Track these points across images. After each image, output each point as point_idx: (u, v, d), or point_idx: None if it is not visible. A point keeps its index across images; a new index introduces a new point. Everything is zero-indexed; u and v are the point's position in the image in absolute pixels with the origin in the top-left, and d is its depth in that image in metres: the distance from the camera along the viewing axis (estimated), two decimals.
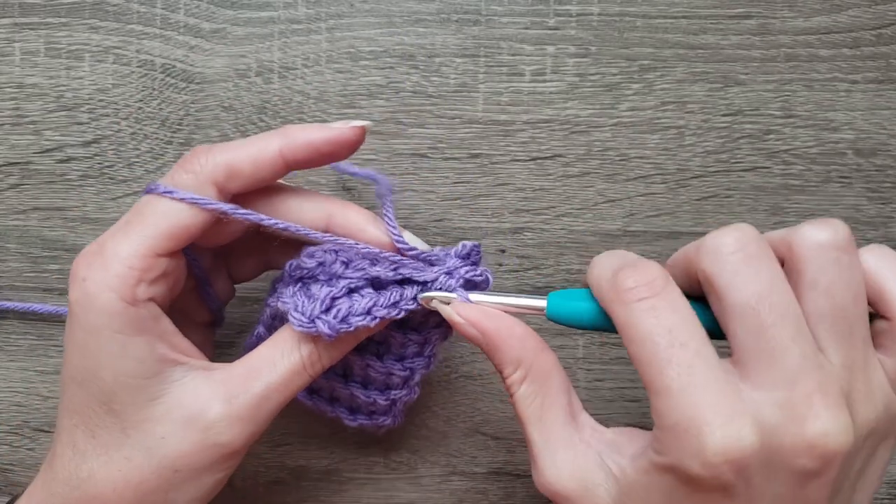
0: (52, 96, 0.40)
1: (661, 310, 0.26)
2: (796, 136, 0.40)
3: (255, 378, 0.30)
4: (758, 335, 0.25)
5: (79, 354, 0.29)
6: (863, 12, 0.39)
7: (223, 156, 0.30)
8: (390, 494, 0.40)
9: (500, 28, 0.40)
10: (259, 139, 0.30)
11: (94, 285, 0.28)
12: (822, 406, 0.24)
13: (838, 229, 0.26)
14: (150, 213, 0.29)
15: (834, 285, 0.26)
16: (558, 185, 0.40)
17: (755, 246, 0.26)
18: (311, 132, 0.30)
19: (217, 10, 0.40)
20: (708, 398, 0.24)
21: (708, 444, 0.24)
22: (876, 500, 0.40)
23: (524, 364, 0.29)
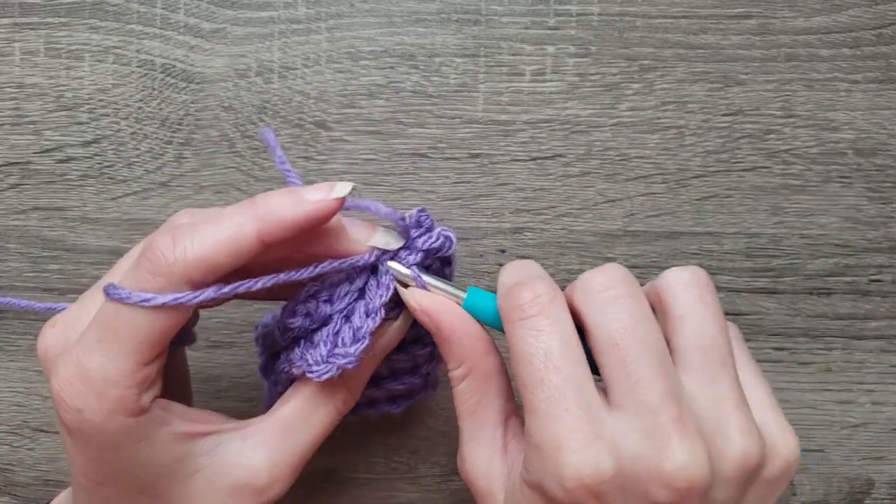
0: (52, 96, 0.40)
1: (543, 330, 0.26)
2: (796, 135, 0.40)
3: (293, 436, 0.30)
4: (620, 368, 0.26)
5: (98, 466, 0.27)
6: (863, 12, 0.39)
7: (194, 251, 0.26)
8: (390, 494, 0.40)
9: (501, 28, 0.40)
10: (231, 222, 0.26)
11: (96, 415, 0.26)
12: (679, 439, 0.25)
13: (698, 271, 0.28)
14: (125, 326, 0.26)
15: (703, 320, 0.27)
16: (558, 185, 0.40)
17: (623, 286, 0.27)
18: (289, 210, 0.26)
19: (217, 9, 0.40)
20: (571, 423, 0.25)
21: (565, 466, 0.25)
22: (876, 500, 0.41)
23: (467, 363, 0.29)
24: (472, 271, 0.40)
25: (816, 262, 0.40)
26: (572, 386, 0.26)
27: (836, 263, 0.40)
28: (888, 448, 0.41)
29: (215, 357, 0.40)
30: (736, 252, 0.40)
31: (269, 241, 0.27)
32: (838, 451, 0.40)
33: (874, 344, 0.40)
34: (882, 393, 0.40)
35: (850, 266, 0.40)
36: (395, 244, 0.30)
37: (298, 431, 0.30)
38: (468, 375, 0.29)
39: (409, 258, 0.30)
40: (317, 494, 0.40)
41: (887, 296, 0.40)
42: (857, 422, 0.40)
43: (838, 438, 0.40)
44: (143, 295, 0.25)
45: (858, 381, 0.40)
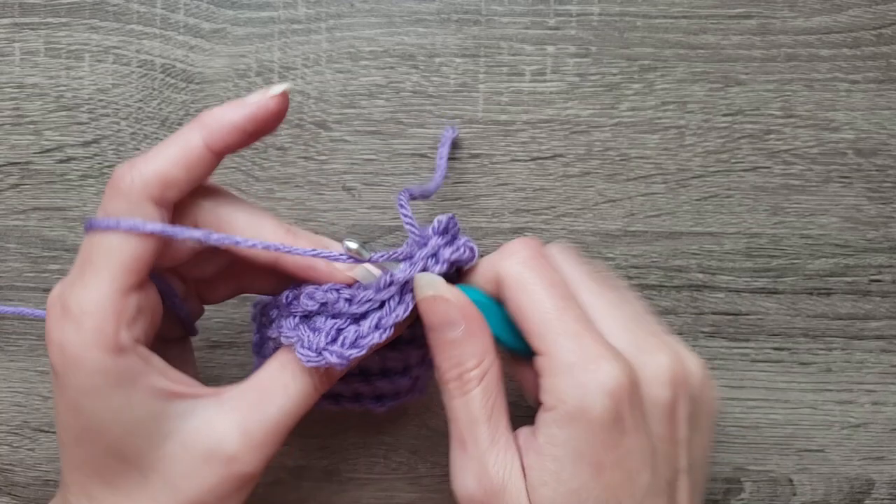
0: (52, 96, 0.40)
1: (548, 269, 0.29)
2: (797, 136, 0.40)
3: (269, 403, 0.29)
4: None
5: (75, 416, 0.27)
6: (863, 12, 0.39)
7: (149, 167, 0.27)
8: (390, 494, 0.40)
9: (501, 28, 0.40)
10: (179, 138, 0.28)
11: (74, 348, 0.26)
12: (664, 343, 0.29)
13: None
14: (99, 253, 0.27)
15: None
16: (558, 185, 0.40)
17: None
18: (231, 113, 0.28)
19: (217, 10, 0.40)
20: (599, 340, 0.27)
21: (607, 374, 0.26)
22: (876, 500, 0.41)
23: (488, 359, 0.29)
24: None
25: (816, 262, 0.40)
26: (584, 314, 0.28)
27: (836, 263, 0.40)
28: (888, 448, 0.41)
29: (215, 357, 0.40)
30: (736, 252, 0.40)
31: (217, 147, 0.28)
32: (838, 451, 0.40)
33: (874, 344, 0.40)
34: (882, 393, 0.40)
35: (851, 266, 0.40)
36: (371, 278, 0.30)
37: (274, 399, 0.29)
38: (486, 374, 0.28)
39: (434, 269, 0.29)
40: (317, 494, 0.40)
41: (887, 296, 0.40)
42: (857, 422, 0.40)
43: (838, 438, 0.40)
44: (108, 221, 0.26)
45: (858, 381, 0.40)
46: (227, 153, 0.28)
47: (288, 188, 0.40)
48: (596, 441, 0.26)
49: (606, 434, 0.26)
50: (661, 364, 0.28)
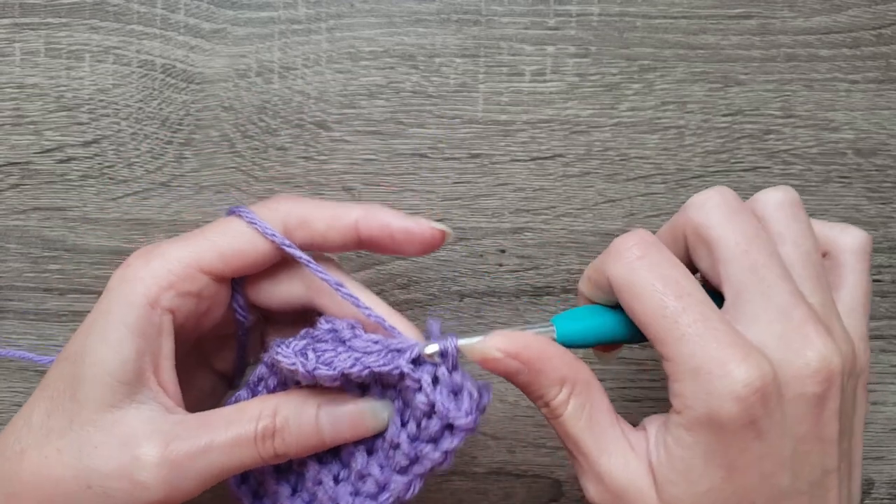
0: (53, 96, 0.40)
1: (661, 264, 0.27)
2: (796, 136, 0.40)
3: (204, 431, 0.28)
4: (752, 273, 0.27)
5: (82, 332, 0.29)
6: (863, 12, 0.39)
7: (302, 206, 0.30)
8: None
9: (500, 28, 0.40)
10: (341, 204, 0.30)
11: (130, 272, 0.29)
12: (815, 334, 0.26)
13: (789, 191, 0.29)
14: (215, 229, 0.30)
15: (799, 237, 0.28)
16: (558, 185, 0.40)
17: (736, 201, 0.28)
18: (392, 217, 0.30)
19: (217, 10, 0.40)
20: (726, 339, 0.26)
21: (735, 377, 0.25)
22: (876, 500, 0.41)
23: (568, 381, 0.28)
24: (472, 271, 0.40)
25: None
26: (710, 307, 0.26)
27: None
28: (888, 448, 0.41)
29: None
30: None
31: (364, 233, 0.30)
32: None
33: (874, 344, 0.40)
34: (882, 393, 0.40)
35: None
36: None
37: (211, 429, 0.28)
38: (572, 392, 0.28)
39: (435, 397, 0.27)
40: None
41: (887, 296, 0.40)
42: None
43: None
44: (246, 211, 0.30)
45: None
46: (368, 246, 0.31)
47: (288, 188, 0.40)
48: (726, 445, 0.25)
49: (737, 438, 0.25)
50: (809, 360, 0.26)
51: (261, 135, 0.40)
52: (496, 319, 0.40)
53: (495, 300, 0.40)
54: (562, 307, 0.40)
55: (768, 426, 0.25)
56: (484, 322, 0.40)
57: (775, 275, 0.27)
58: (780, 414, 0.26)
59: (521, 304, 0.40)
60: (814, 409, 0.26)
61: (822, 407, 0.26)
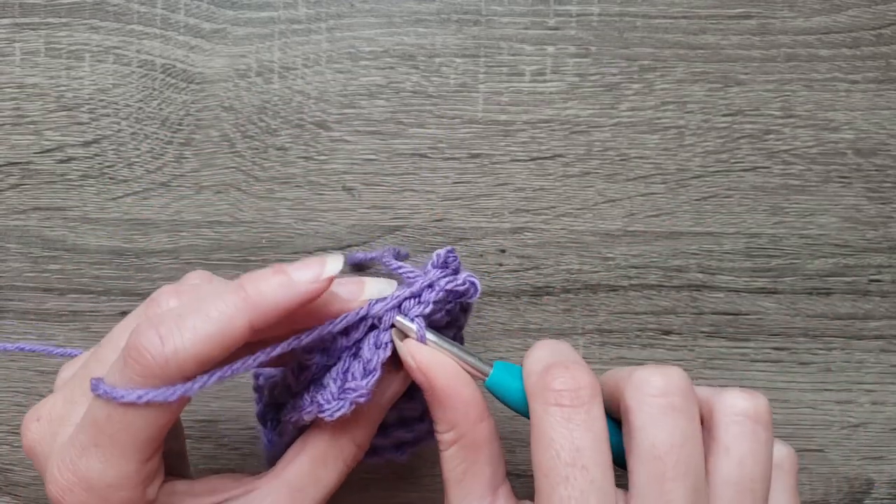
0: (53, 96, 0.40)
1: (577, 424, 0.26)
2: (796, 136, 0.40)
3: (302, 498, 0.28)
4: (656, 484, 0.25)
5: None
6: (862, 12, 0.39)
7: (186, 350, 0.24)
8: (390, 494, 0.40)
9: (500, 28, 0.40)
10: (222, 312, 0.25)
11: None
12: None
13: (760, 403, 0.27)
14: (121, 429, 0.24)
15: (746, 457, 0.26)
16: (558, 185, 0.40)
17: (680, 398, 0.26)
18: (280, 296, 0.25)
19: (217, 10, 0.40)
20: None
21: None
22: (876, 500, 0.41)
23: (458, 430, 0.28)
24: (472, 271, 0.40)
25: (816, 262, 0.40)
26: (597, 491, 0.25)
27: (835, 263, 0.40)
28: (888, 448, 0.41)
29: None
30: (736, 252, 0.40)
31: (260, 329, 0.25)
32: (838, 450, 0.40)
33: (874, 344, 0.40)
34: (882, 393, 0.40)
35: (850, 266, 0.40)
36: (388, 290, 0.29)
37: (307, 492, 0.28)
38: (457, 442, 0.28)
39: (428, 296, 0.29)
40: None
41: (887, 296, 0.40)
42: (856, 422, 0.40)
43: (838, 438, 0.40)
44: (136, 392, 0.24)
45: (858, 381, 0.40)
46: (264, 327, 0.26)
47: (288, 188, 0.40)
48: None
49: None
50: None
51: (261, 135, 0.40)
52: (496, 319, 0.40)
53: (495, 300, 0.40)
54: (561, 307, 0.40)
55: None
56: (483, 322, 0.40)
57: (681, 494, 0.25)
58: None
59: (521, 303, 0.40)
60: None
61: None
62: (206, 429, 0.40)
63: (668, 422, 0.26)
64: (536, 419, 0.26)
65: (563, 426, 0.25)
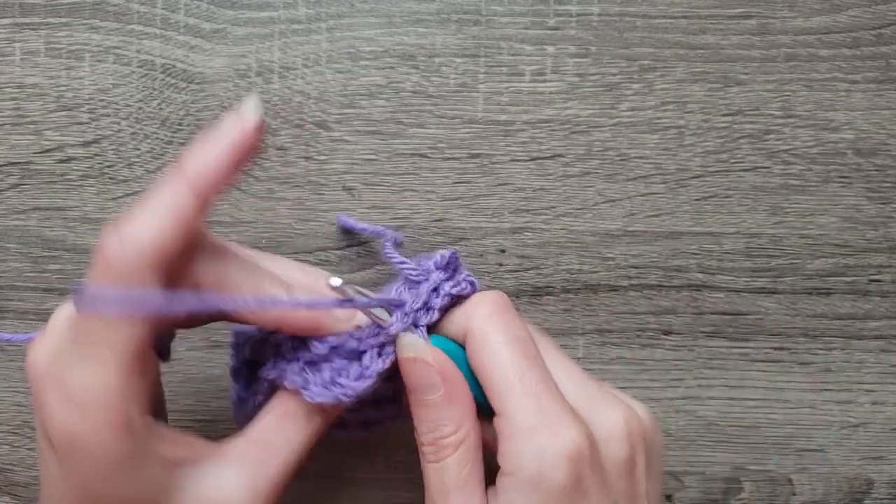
0: (53, 96, 0.40)
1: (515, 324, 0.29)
2: (796, 135, 0.40)
3: (274, 458, 0.28)
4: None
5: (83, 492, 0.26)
6: (862, 12, 0.39)
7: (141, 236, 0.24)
8: (390, 494, 0.40)
9: (500, 28, 0.40)
10: (164, 196, 0.25)
11: (82, 434, 0.24)
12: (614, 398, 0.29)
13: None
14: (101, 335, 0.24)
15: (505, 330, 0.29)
16: (558, 185, 0.40)
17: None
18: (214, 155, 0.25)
19: (217, 10, 0.40)
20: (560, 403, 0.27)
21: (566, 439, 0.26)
22: (875, 500, 0.41)
23: (466, 426, 0.28)
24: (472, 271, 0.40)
25: (816, 262, 0.40)
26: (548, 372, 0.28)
27: (835, 263, 0.40)
28: (888, 448, 0.41)
29: (216, 357, 0.40)
30: (735, 252, 0.40)
31: (208, 196, 0.25)
32: (838, 450, 0.40)
33: (874, 344, 0.40)
34: (882, 393, 0.40)
35: (850, 266, 0.40)
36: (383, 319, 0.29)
37: (279, 453, 0.28)
38: (465, 441, 0.28)
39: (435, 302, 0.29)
40: (317, 494, 0.40)
41: (887, 296, 0.40)
42: (856, 422, 0.40)
43: (838, 438, 0.40)
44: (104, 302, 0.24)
45: (858, 381, 0.40)
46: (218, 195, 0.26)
47: (288, 188, 0.40)
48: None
49: (566, 498, 0.26)
50: (616, 421, 0.28)
51: None
52: None
53: None
54: (561, 307, 0.40)
55: (593, 485, 0.26)
56: None
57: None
58: (600, 476, 0.27)
59: (521, 304, 0.40)
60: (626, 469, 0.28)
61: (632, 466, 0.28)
62: (205, 429, 0.40)
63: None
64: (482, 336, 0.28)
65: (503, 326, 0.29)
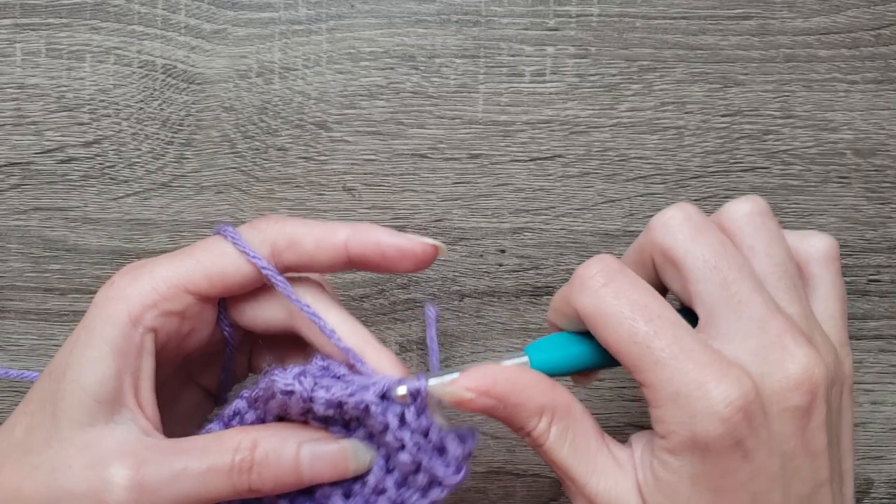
0: (54, 97, 0.40)
1: (627, 289, 0.26)
2: (795, 136, 0.40)
3: (178, 457, 0.27)
4: (723, 289, 0.26)
5: (66, 348, 0.28)
6: (861, 13, 0.40)
7: (290, 227, 0.29)
8: None
9: (500, 29, 0.40)
10: (329, 223, 0.29)
11: (116, 291, 0.28)
12: (794, 345, 0.26)
13: (757, 199, 0.29)
14: (202, 249, 0.29)
15: (770, 247, 0.28)
16: (558, 186, 0.40)
17: (700, 217, 0.27)
18: (383, 235, 0.29)
19: (218, 10, 0.40)
20: (702, 359, 0.25)
21: (716, 398, 0.24)
22: (875, 500, 0.41)
23: (547, 409, 0.27)
24: (472, 271, 0.40)
25: None
26: (683, 328, 0.26)
27: None
28: (887, 447, 0.41)
29: None
30: None
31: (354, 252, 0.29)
32: None
33: (873, 344, 0.40)
34: (881, 393, 0.40)
35: (849, 266, 0.40)
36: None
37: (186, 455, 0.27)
38: (553, 420, 0.27)
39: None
40: None
41: (886, 296, 0.40)
42: (855, 421, 0.40)
43: None
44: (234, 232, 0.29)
45: (857, 380, 0.40)
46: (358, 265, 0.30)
47: (288, 188, 0.40)
48: (713, 467, 0.25)
49: (724, 460, 0.25)
50: (790, 373, 0.25)
51: (261, 135, 0.40)
52: (496, 319, 0.40)
53: (495, 300, 0.40)
54: None
55: (755, 445, 0.25)
56: (483, 322, 0.40)
57: (747, 288, 0.26)
58: (765, 431, 0.25)
59: (521, 303, 0.40)
60: (800, 423, 0.25)
61: (808, 419, 0.25)
62: None
63: (704, 237, 0.27)
64: (592, 309, 0.27)
65: (616, 297, 0.26)
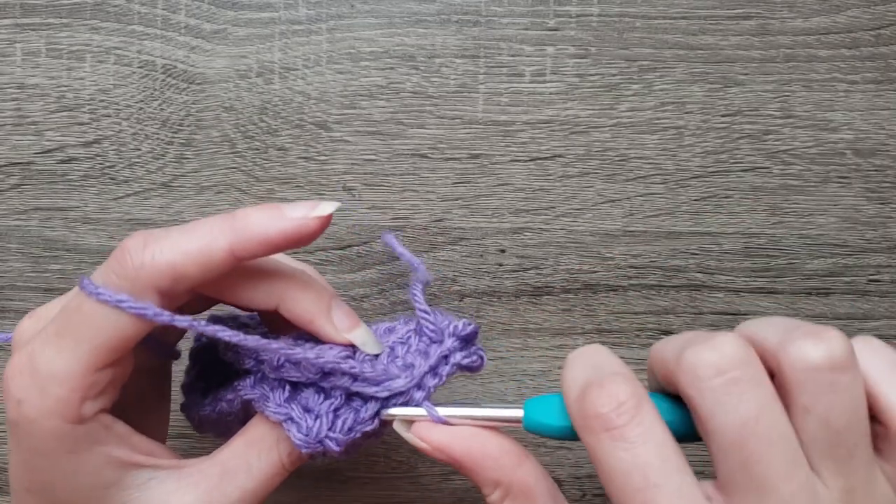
0: (54, 97, 0.40)
1: (633, 442, 0.23)
2: (795, 136, 0.40)
3: (231, 482, 0.27)
4: (742, 470, 0.23)
5: (27, 469, 0.26)
6: (861, 13, 0.40)
7: (164, 257, 0.25)
8: (390, 494, 0.40)
9: (500, 29, 0.40)
10: (205, 232, 0.25)
11: (33, 410, 0.25)
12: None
13: (834, 346, 0.23)
14: (85, 323, 0.25)
15: (830, 412, 0.23)
16: (558, 186, 0.40)
17: (739, 370, 0.23)
18: (266, 225, 0.26)
19: (218, 10, 0.40)
20: None
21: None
22: None
23: (503, 484, 0.26)
24: (472, 271, 0.40)
25: (815, 262, 0.40)
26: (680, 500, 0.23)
27: (834, 263, 0.40)
28: None
29: None
30: (735, 252, 0.40)
31: (242, 256, 0.26)
32: None
33: None
34: None
35: (849, 266, 0.40)
36: (372, 349, 0.28)
37: (236, 479, 0.27)
38: (507, 496, 0.27)
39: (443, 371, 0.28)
40: (317, 493, 0.41)
41: (886, 296, 0.40)
42: None
43: None
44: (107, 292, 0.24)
45: None
46: (250, 260, 0.27)
47: (288, 188, 0.40)
48: None
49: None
50: None
51: (261, 135, 0.40)
52: (496, 319, 0.40)
53: (495, 300, 0.40)
54: (561, 307, 0.40)
55: None
56: (483, 322, 0.40)
57: (774, 473, 0.23)
58: None
59: (521, 304, 0.40)
60: None
61: None
62: None
63: (735, 400, 0.23)
64: (591, 452, 0.24)
65: (619, 450, 0.23)
